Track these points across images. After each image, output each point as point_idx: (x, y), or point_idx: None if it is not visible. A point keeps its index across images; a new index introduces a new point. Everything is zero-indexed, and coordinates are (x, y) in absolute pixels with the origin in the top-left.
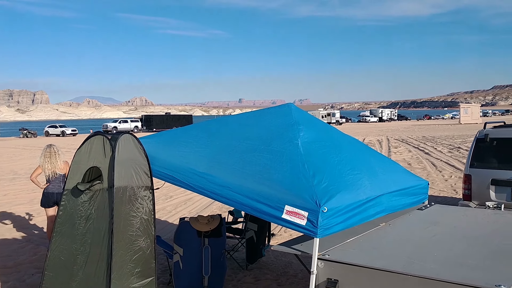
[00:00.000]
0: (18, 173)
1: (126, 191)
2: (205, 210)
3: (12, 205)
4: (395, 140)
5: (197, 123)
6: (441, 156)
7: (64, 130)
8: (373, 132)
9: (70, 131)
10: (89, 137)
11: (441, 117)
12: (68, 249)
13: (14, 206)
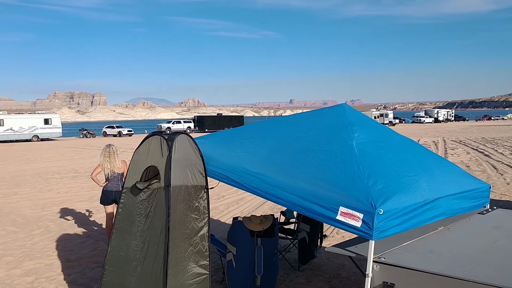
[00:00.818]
0: (79, 171)
1: (182, 190)
2: (257, 210)
3: (73, 202)
4: (452, 141)
5: (250, 124)
6: (503, 158)
7: (121, 130)
8: (428, 133)
9: (126, 131)
10: (147, 137)
11: (501, 118)
12: (127, 245)
13: (75, 203)
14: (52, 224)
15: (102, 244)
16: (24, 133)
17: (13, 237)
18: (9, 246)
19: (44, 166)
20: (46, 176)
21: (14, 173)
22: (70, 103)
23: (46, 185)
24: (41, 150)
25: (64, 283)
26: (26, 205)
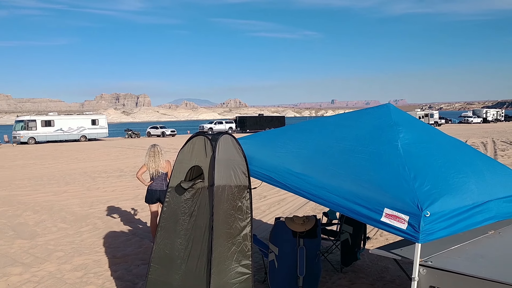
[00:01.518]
0: (124, 170)
1: (225, 189)
2: (299, 210)
3: (119, 201)
4: (502, 142)
5: (293, 124)
6: None
7: (164, 131)
8: (476, 134)
9: (170, 132)
10: (192, 137)
11: None
12: (172, 243)
13: (120, 201)
14: (99, 222)
15: (147, 242)
16: (73, 133)
17: (64, 233)
18: (60, 242)
19: (91, 165)
20: (94, 175)
21: (64, 171)
22: (116, 104)
23: (93, 184)
24: (89, 150)
25: (111, 279)
26: (75, 203)
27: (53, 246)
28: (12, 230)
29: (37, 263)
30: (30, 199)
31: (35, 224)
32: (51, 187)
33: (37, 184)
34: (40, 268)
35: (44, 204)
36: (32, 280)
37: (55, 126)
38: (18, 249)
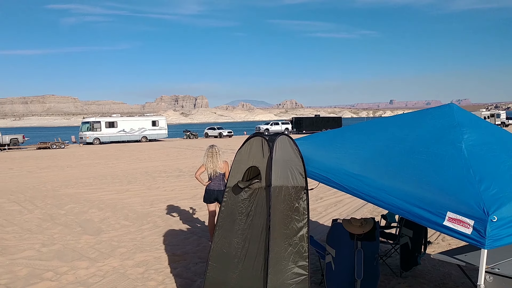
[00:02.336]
0: (183, 170)
1: (282, 190)
2: (356, 212)
3: (178, 200)
4: None
5: (350, 125)
6: None
7: (221, 131)
8: None
9: (227, 132)
10: (249, 138)
11: None
12: (229, 242)
13: (179, 200)
14: (159, 220)
15: (205, 240)
16: (135, 134)
17: (126, 230)
18: (123, 239)
19: (152, 165)
20: (154, 175)
21: (126, 171)
22: (175, 106)
23: (154, 183)
24: (149, 150)
25: (171, 276)
26: (137, 201)
27: (116, 242)
28: (79, 226)
29: (102, 258)
30: (95, 197)
31: (100, 221)
32: (115, 186)
33: (102, 183)
34: (105, 263)
35: (108, 202)
36: (98, 274)
37: (118, 127)
38: (84, 244)
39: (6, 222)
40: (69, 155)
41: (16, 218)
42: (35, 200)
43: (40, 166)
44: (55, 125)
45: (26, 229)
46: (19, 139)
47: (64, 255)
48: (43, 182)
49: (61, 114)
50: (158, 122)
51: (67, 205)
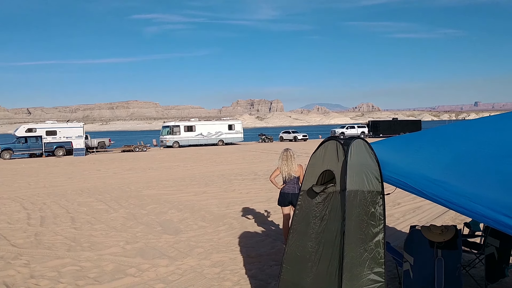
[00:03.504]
0: (258, 174)
1: (357, 195)
2: (437, 219)
3: (253, 202)
4: None
5: (430, 129)
6: None
7: (296, 135)
8: None
9: (301, 136)
10: (324, 141)
11: None
12: (303, 246)
13: (254, 203)
14: (235, 222)
15: (279, 243)
16: (212, 137)
17: (203, 231)
18: (200, 239)
19: (228, 168)
20: (230, 177)
21: (204, 173)
22: (251, 110)
23: (230, 186)
24: (226, 153)
25: (246, 277)
26: (214, 203)
27: (194, 242)
28: (159, 226)
29: (181, 257)
30: (175, 198)
31: (179, 221)
32: (193, 188)
33: (180, 185)
34: (183, 262)
35: (186, 203)
36: (177, 272)
37: (196, 131)
38: (164, 243)
39: (94, 220)
40: (150, 158)
41: (103, 216)
42: (120, 200)
43: (125, 168)
44: (138, 129)
45: (112, 227)
46: (106, 142)
47: (145, 252)
48: (127, 183)
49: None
50: (234, 126)
51: (149, 206)
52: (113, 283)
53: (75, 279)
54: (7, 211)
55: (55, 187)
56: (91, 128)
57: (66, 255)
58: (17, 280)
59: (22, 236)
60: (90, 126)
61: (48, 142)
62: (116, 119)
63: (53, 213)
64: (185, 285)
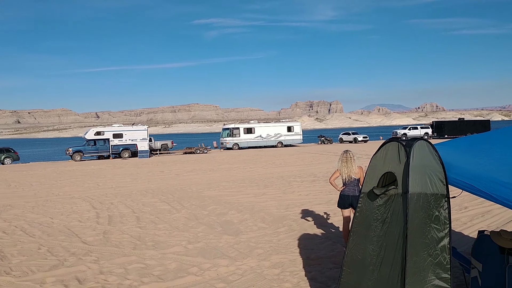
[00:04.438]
0: (317, 175)
1: (420, 197)
2: (508, 224)
3: (313, 204)
4: None
5: (500, 129)
6: None
7: (356, 137)
8: None
9: (362, 138)
10: (385, 143)
11: None
12: (364, 249)
13: (314, 205)
14: (294, 224)
15: (339, 246)
16: (271, 139)
17: (263, 232)
18: (260, 240)
19: (287, 169)
20: (289, 179)
21: (263, 175)
22: (310, 112)
23: (289, 187)
24: (285, 155)
25: (305, 279)
26: (273, 205)
27: (254, 243)
28: (220, 226)
29: (241, 257)
30: (235, 200)
31: (239, 222)
32: (252, 189)
33: (240, 186)
34: (243, 262)
35: (246, 204)
36: (237, 272)
37: (255, 133)
38: (225, 243)
39: (158, 219)
40: (211, 160)
41: (166, 216)
42: (182, 201)
43: (186, 170)
44: (199, 132)
45: (175, 227)
46: (169, 144)
47: (207, 252)
48: (189, 184)
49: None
50: (293, 127)
51: (210, 206)
52: (176, 281)
53: (140, 276)
54: (78, 210)
55: (122, 188)
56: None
57: (132, 253)
58: (88, 275)
59: (91, 234)
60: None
61: (115, 144)
62: (178, 121)
63: (119, 213)
64: (245, 285)
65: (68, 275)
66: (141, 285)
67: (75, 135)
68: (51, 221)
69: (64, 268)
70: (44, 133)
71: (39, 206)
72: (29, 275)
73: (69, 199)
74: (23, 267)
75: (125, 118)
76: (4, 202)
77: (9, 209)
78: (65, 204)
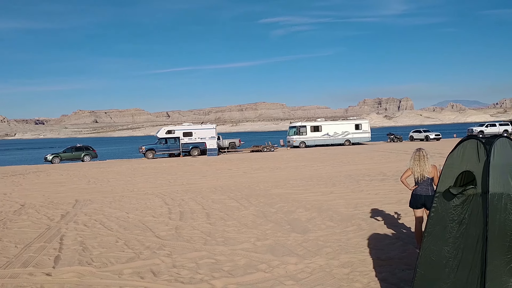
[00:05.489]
0: (387, 174)
1: (502, 198)
2: None
3: (382, 204)
4: None
5: None
6: None
7: (428, 134)
8: None
9: (434, 135)
10: (462, 141)
11: None
12: (439, 250)
13: (384, 204)
14: (363, 223)
15: (411, 247)
16: (338, 137)
17: (331, 231)
18: (328, 239)
19: (355, 168)
20: (357, 178)
21: (330, 174)
22: (378, 109)
23: (357, 186)
24: (352, 153)
25: (376, 280)
26: (341, 203)
27: (322, 242)
28: (288, 224)
29: (309, 256)
30: (302, 198)
31: (307, 221)
32: (319, 188)
33: (308, 184)
34: (312, 260)
35: (313, 202)
36: (305, 270)
37: (322, 131)
38: (293, 241)
39: (227, 216)
40: (278, 158)
41: (235, 213)
42: (249, 198)
43: (253, 168)
44: (265, 130)
45: (243, 223)
46: (236, 143)
47: (275, 250)
48: (256, 182)
49: (270, 119)
50: (361, 125)
51: (277, 204)
52: (245, 277)
53: (211, 271)
54: (152, 205)
55: (192, 185)
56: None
57: (203, 248)
58: (162, 268)
59: (164, 229)
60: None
61: (185, 143)
62: (245, 120)
63: (190, 209)
64: (314, 283)
65: (143, 267)
66: (212, 280)
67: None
68: (127, 215)
69: (140, 261)
70: (119, 132)
71: (116, 202)
72: (108, 266)
73: (143, 195)
74: (103, 258)
75: (194, 117)
76: (85, 197)
77: (89, 203)
78: (139, 200)
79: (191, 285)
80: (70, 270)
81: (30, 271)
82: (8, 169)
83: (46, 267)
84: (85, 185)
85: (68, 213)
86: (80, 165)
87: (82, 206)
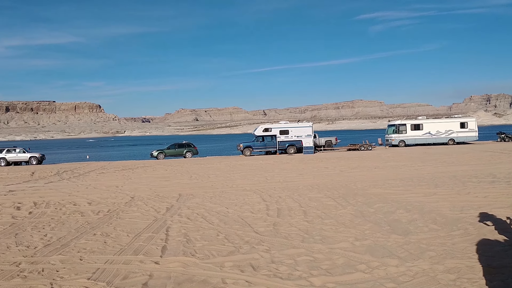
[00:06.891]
0: (497, 176)
1: None
2: None
3: (492, 208)
4: None
5: None
6: None
7: None
8: None
9: None
10: None
11: None
12: None
13: (494, 208)
14: (471, 227)
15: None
16: (441, 136)
17: (434, 234)
18: (431, 242)
19: (460, 169)
20: (463, 179)
21: (432, 174)
22: (486, 106)
23: (463, 188)
24: (457, 153)
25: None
26: (445, 206)
27: (425, 245)
28: (387, 225)
29: (411, 259)
30: (402, 198)
31: (408, 222)
32: (421, 188)
33: (408, 185)
34: (414, 264)
35: (415, 204)
36: (407, 273)
37: (424, 129)
38: (393, 243)
39: (324, 215)
40: (375, 157)
41: (332, 212)
42: (347, 197)
43: (351, 166)
44: (363, 128)
45: (341, 222)
46: (332, 141)
47: (375, 250)
48: (353, 181)
49: (368, 117)
50: (467, 123)
51: (376, 204)
52: (344, 276)
53: (309, 268)
54: (250, 201)
55: (288, 182)
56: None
57: (301, 246)
58: (261, 263)
59: (262, 224)
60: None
61: (281, 140)
62: (341, 118)
63: (287, 206)
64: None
65: (243, 261)
66: (310, 277)
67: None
68: (226, 210)
69: (240, 255)
70: (218, 130)
71: (216, 197)
72: (210, 258)
73: (241, 191)
74: (205, 250)
75: (290, 115)
76: (187, 192)
77: (192, 198)
78: (238, 196)
79: (289, 281)
80: (176, 260)
81: (140, 259)
82: (119, 164)
83: (154, 256)
84: (187, 180)
85: (173, 206)
86: (182, 161)
87: (185, 200)
